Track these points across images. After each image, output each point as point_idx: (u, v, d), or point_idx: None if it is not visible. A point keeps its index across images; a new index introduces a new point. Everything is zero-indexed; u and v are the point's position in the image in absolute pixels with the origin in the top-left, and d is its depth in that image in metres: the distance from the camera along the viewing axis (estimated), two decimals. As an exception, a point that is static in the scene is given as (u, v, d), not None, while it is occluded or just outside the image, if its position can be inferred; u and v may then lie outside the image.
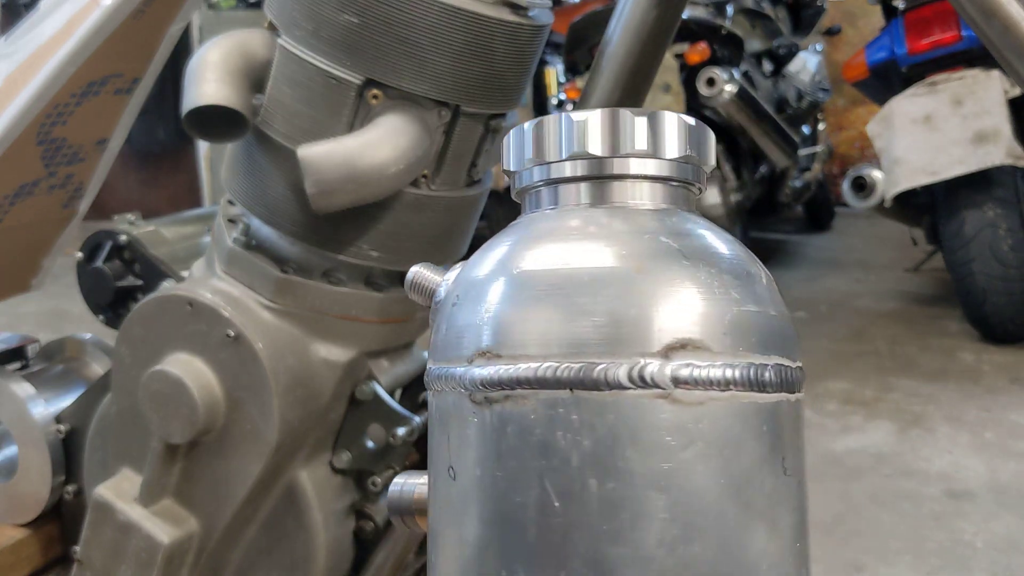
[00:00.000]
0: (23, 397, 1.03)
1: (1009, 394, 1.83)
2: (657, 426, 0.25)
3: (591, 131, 0.28)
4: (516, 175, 0.31)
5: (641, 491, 0.24)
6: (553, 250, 0.27)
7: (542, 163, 0.29)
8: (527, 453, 0.25)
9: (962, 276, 2.11)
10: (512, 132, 0.31)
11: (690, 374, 0.25)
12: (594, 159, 0.28)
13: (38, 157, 0.95)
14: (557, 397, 0.25)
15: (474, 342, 0.27)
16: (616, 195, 0.29)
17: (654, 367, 0.25)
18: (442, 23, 0.69)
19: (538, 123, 0.30)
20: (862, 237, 3.87)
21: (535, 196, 0.30)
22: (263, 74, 0.76)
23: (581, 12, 2.69)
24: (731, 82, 2.44)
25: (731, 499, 0.25)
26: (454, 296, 0.29)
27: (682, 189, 0.30)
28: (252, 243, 0.83)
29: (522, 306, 0.26)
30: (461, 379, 0.27)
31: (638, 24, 0.69)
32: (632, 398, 0.25)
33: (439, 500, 0.28)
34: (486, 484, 0.26)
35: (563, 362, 0.25)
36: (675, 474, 0.24)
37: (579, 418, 0.25)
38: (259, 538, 0.85)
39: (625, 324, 0.25)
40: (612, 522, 0.24)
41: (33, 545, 1.08)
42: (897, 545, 1.24)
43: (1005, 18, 0.55)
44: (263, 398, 0.78)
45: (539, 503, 0.25)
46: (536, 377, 0.25)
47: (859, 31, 4.26)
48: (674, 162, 0.29)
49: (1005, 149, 2.02)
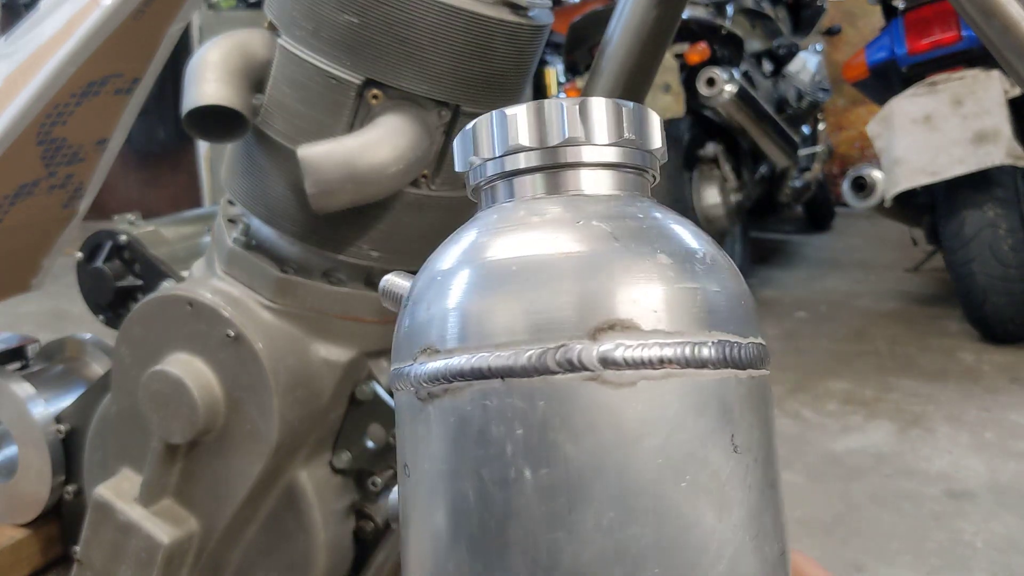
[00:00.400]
0: (23, 397, 1.03)
1: (1009, 394, 1.83)
2: (588, 409, 0.25)
3: (521, 124, 0.29)
4: (466, 175, 0.32)
5: (575, 475, 0.24)
6: (482, 245, 0.28)
7: (482, 161, 0.30)
8: (467, 445, 0.26)
9: (962, 276, 2.11)
10: (458, 135, 0.31)
11: (619, 355, 0.25)
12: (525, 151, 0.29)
13: (38, 157, 0.95)
14: (490, 387, 0.25)
15: (418, 340, 0.27)
16: (556, 185, 0.29)
17: (581, 349, 0.25)
18: (442, 23, 0.69)
19: (475, 123, 0.30)
20: (862, 237, 3.87)
21: (487, 193, 0.31)
22: (263, 74, 0.76)
23: (581, 12, 2.69)
24: (731, 82, 2.44)
25: (670, 480, 0.24)
26: (405, 299, 0.29)
27: (633, 175, 0.30)
28: (252, 243, 0.83)
29: (457, 302, 0.27)
30: (408, 377, 0.27)
31: (638, 24, 0.69)
32: (562, 383, 0.25)
33: (400, 497, 0.28)
34: (433, 479, 0.26)
35: (494, 352, 0.25)
36: (609, 456, 0.24)
37: (512, 406, 0.25)
38: (259, 538, 0.85)
39: (553, 310, 0.25)
40: (548, 508, 0.24)
41: (33, 545, 1.08)
42: (897, 545, 1.24)
43: (1005, 18, 0.55)
44: (263, 398, 0.78)
45: (479, 494, 0.25)
46: (470, 368, 0.26)
47: (859, 31, 4.26)
48: (616, 148, 0.29)
49: (1005, 149, 2.02)
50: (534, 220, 0.28)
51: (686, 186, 2.52)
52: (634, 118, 0.30)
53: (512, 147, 0.29)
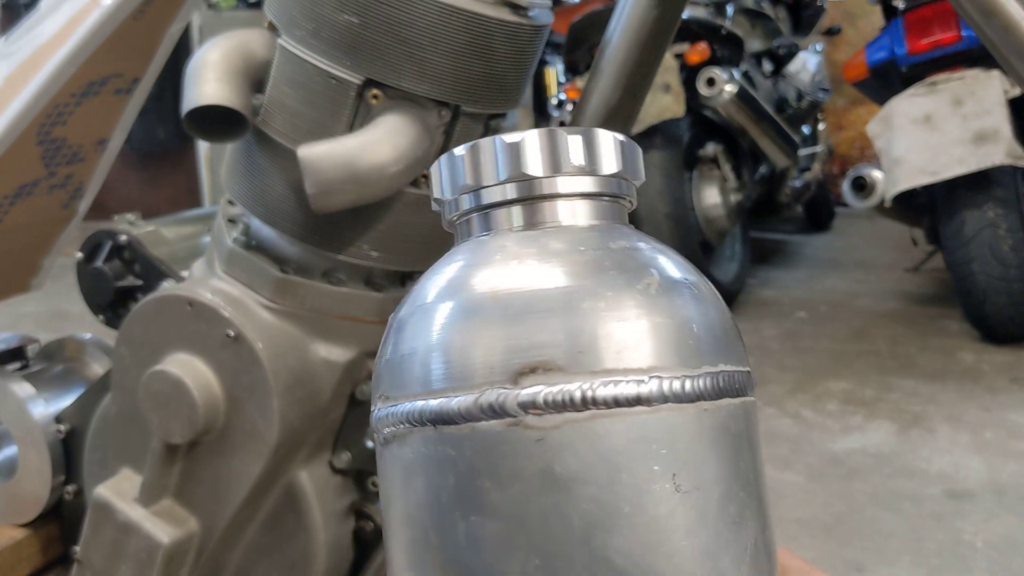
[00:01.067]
0: (23, 397, 1.03)
1: (1009, 394, 1.83)
2: (511, 455, 0.24)
3: (517, 152, 0.28)
4: (441, 208, 0.31)
5: (503, 524, 0.24)
6: (457, 283, 0.27)
7: (456, 194, 0.30)
8: (411, 490, 0.26)
9: (962, 276, 2.11)
10: (439, 160, 0.30)
11: (539, 398, 0.24)
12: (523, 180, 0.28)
13: (38, 157, 0.95)
14: (426, 434, 0.25)
15: (376, 386, 0.28)
16: (533, 217, 0.29)
17: (501, 394, 0.24)
18: (442, 23, 0.69)
19: (449, 155, 0.30)
20: (862, 237, 3.87)
21: (463, 226, 0.30)
22: (263, 74, 0.76)
23: (581, 12, 2.68)
24: (731, 82, 2.44)
25: (600, 526, 0.24)
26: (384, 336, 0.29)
27: (609, 203, 0.30)
28: (252, 243, 0.83)
29: (400, 348, 0.27)
30: (372, 421, 0.28)
31: (638, 24, 0.69)
32: (486, 429, 0.24)
33: None
34: (391, 519, 0.27)
35: (427, 398, 0.25)
36: (531, 504, 0.24)
37: (444, 453, 0.25)
38: (259, 538, 0.85)
39: (476, 355, 0.25)
40: (479, 557, 0.24)
41: (33, 545, 1.08)
42: (897, 545, 1.24)
43: (1005, 18, 0.55)
44: (263, 398, 0.78)
45: (422, 540, 0.25)
46: (409, 414, 0.26)
47: (859, 31, 4.26)
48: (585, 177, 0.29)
49: (1005, 149, 2.02)
50: (514, 255, 0.27)
51: (686, 186, 2.52)
52: (617, 148, 0.29)
53: (496, 178, 0.28)
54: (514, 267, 0.27)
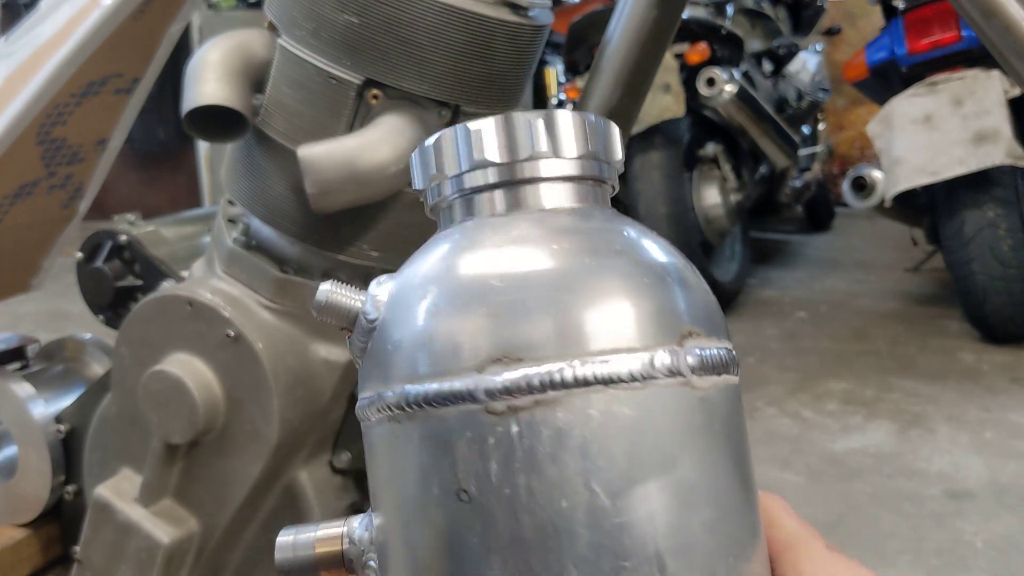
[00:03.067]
0: (23, 397, 1.03)
1: (1009, 394, 1.83)
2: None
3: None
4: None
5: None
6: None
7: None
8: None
9: (962, 276, 2.11)
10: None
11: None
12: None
13: (38, 157, 0.95)
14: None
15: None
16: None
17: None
18: (442, 23, 0.69)
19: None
20: (862, 237, 3.87)
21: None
22: (263, 74, 0.76)
23: (581, 12, 2.68)
24: (731, 82, 2.44)
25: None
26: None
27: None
28: (252, 243, 0.83)
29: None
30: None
31: (638, 24, 0.69)
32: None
33: None
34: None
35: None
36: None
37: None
38: (259, 538, 0.85)
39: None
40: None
41: (33, 545, 1.08)
42: (897, 545, 1.24)
43: (1005, 18, 0.55)
44: (263, 398, 0.78)
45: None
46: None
47: (859, 31, 4.26)
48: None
49: (1005, 149, 2.02)
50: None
51: (686, 186, 2.52)
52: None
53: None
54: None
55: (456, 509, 0.25)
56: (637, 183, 2.45)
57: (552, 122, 0.29)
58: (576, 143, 0.29)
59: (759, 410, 1.76)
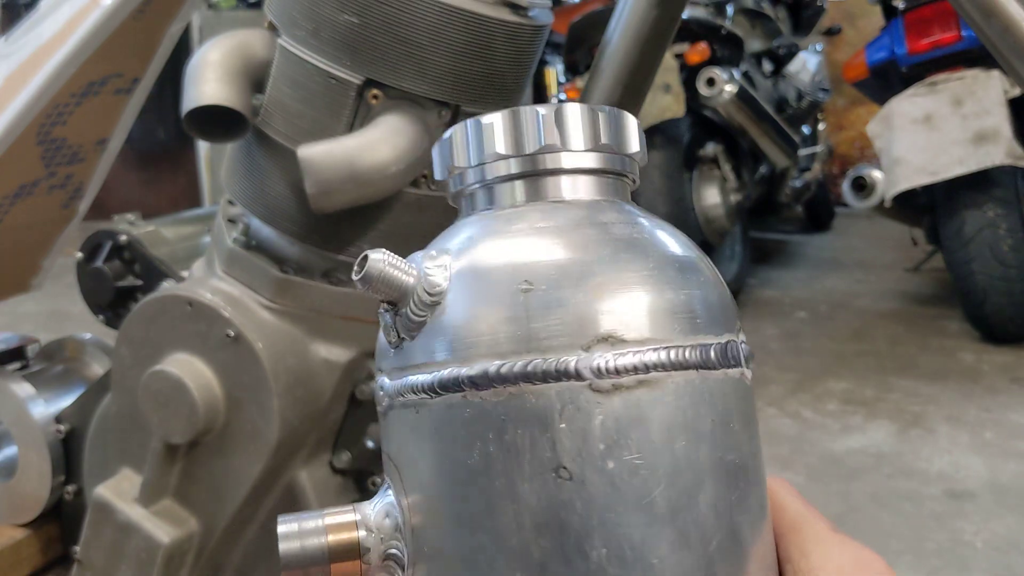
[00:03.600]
0: (23, 397, 1.03)
1: (1009, 394, 1.83)
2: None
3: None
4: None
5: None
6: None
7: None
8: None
9: (962, 276, 2.11)
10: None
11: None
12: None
13: (38, 157, 0.95)
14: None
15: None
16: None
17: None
18: (442, 23, 0.69)
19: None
20: (862, 237, 3.87)
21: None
22: (263, 74, 0.76)
23: (581, 12, 2.68)
24: (731, 82, 2.44)
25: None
26: None
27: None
28: (252, 243, 0.83)
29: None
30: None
31: (638, 24, 0.69)
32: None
33: None
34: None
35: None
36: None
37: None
38: (259, 538, 0.85)
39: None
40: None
41: (33, 545, 1.08)
42: (897, 545, 1.24)
43: (1005, 18, 0.55)
44: (263, 398, 0.78)
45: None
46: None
47: (859, 31, 4.26)
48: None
49: (1005, 149, 2.02)
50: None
51: (686, 186, 2.52)
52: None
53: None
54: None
55: (555, 486, 0.25)
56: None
57: (563, 115, 0.29)
58: (587, 135, 0.29)
59: (759, 410, 1.76)
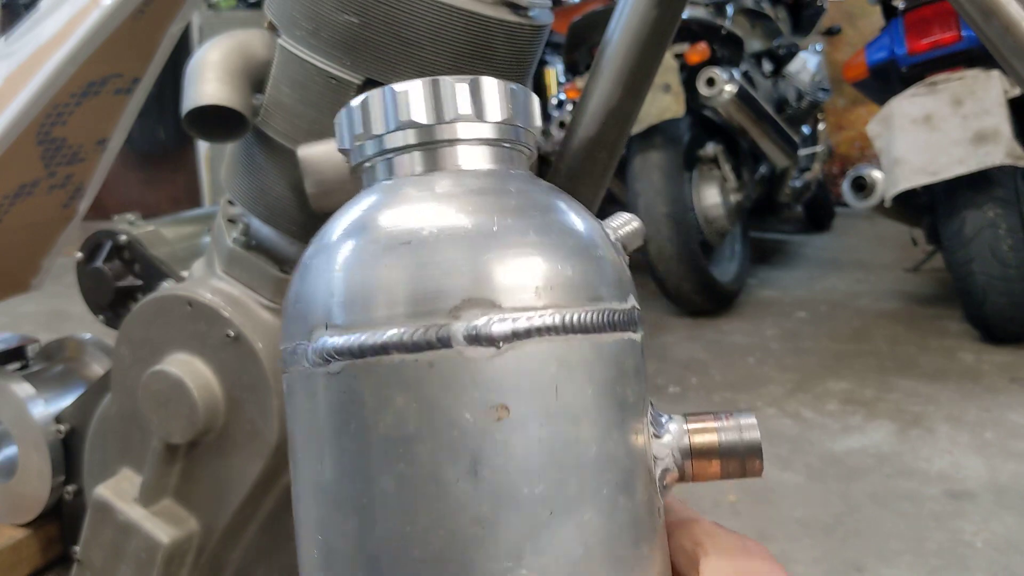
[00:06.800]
0: (23, 397, 1.03)
1: (1009, 394, 1.83)
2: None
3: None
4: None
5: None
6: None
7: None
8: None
9: (962, 276, 2.11)
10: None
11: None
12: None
13: (38, 157, 0.95)
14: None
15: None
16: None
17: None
18: (442, 23, 0.69)
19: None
20: (862, 237, 3.87)
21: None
22: (263, 74, 0.76)
23: (581, 12, 2.68)
24: (731, 82, 2.44)
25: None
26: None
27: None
28: (252, 243, 0.83)
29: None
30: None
31: (638, 24, 0.69)
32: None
33: None
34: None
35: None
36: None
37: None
38: (259, 538, 0.85)
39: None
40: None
41: (33, 545, 1.08)
42: (897, 545, 1.24)
43: (1005, 18, 0.55)
44: (263, 398, 0.78)
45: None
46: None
47: (859, 31, 4.26)
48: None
49: (1005, 149, 2.02)
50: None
51: (686, 186, 2.52)
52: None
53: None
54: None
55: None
56: (637, 183, 2.45)
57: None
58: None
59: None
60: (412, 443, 0.25)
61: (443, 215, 0.27)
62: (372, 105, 0.30)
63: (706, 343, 2.29)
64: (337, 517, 0.26)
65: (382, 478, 0.25)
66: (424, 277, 0.26)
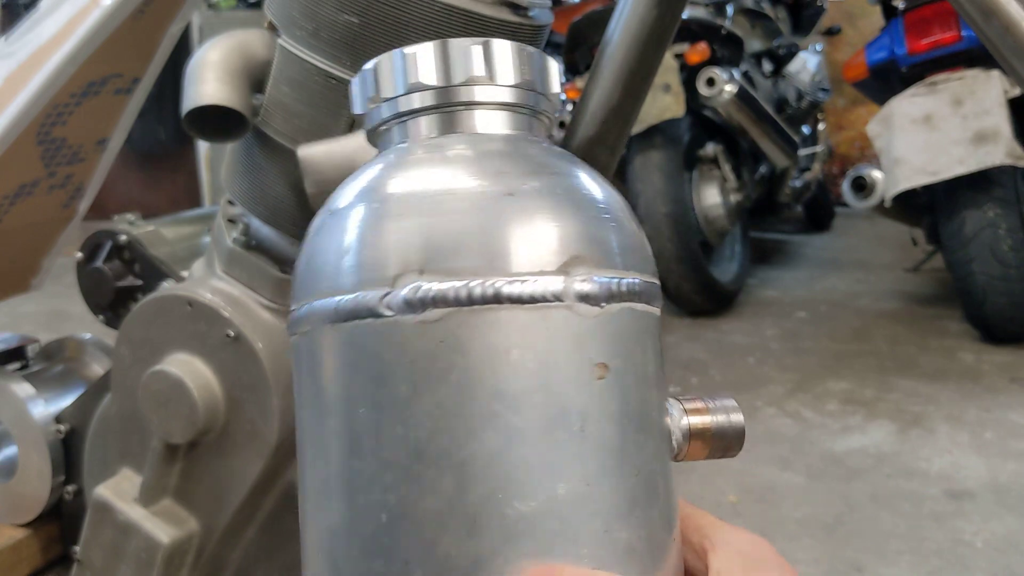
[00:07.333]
0: (23, 397, 1.03)
1: (1009, 394, 1.83)
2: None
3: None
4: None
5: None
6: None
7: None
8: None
9: (962, 276, 2.11)
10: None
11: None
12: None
13: (38, 157, 0.95)
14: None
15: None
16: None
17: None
18: (442, 23, 0.69)
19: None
20: (862, 237, 3.87)
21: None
22: (263, 74, 0.76)
23: (581, 12, 2.68)
24: (731, 82, 2.44)
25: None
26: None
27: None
28: (252, 243, 0.83)
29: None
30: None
31: (638, 24, 0.69)
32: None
33: None
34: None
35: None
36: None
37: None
38: (259, 538, 0.85)
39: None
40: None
41: (33, 545, 1.08)
42: (897, 545, 1.24)
43: (1005, 18, 0.55)
44: (263, 398, 0.78)
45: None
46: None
47: (859, 31, 4.26)
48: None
49: (1005, 149, 2.02)
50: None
51: (686, 186, 2.52)
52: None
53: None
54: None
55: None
56: (637, 183, 2.45)
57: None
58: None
59: (759, 410, 1.76)
60: (522, 396, 0.24)
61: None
62: (383, 68, 0.29)
63: (706, 343, 2.29)
64: (421, 479, 0.25)
65: (486, 434, 0.24)
66: (534, 231, 0.26)
